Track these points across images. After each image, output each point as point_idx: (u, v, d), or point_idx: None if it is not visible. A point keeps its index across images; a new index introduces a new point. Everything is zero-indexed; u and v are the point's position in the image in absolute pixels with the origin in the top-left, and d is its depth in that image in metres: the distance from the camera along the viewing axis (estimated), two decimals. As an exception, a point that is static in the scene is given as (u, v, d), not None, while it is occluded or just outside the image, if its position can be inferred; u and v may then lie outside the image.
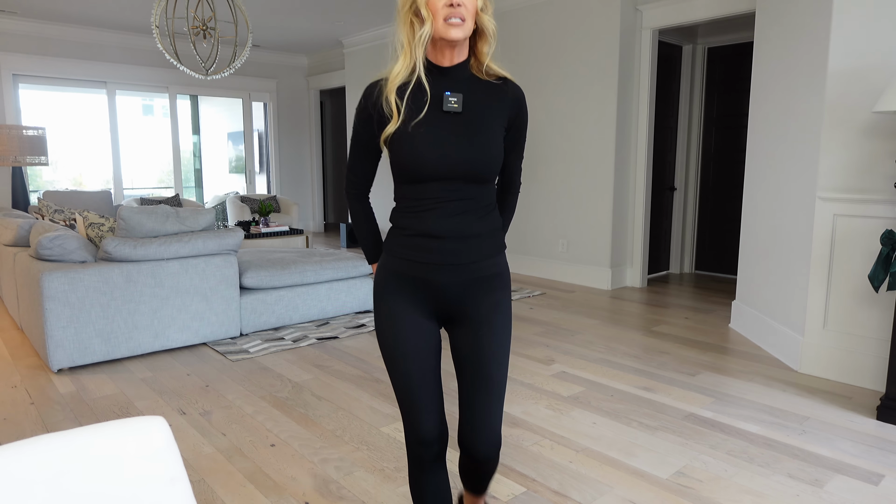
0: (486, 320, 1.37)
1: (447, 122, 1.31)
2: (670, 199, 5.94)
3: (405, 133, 1.31)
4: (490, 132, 1.33)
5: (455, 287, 1.36)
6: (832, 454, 2.29)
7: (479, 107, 1.34)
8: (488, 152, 1.32)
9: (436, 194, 1.32)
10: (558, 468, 2.18)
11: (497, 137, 1.34)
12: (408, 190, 1.35)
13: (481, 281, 1.38)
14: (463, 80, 1.35)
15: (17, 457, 0.76)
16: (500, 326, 1.39)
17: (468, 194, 1.34)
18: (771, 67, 3.60)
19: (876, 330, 2.90)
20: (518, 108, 1.40)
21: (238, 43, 5.83)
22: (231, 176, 9.56)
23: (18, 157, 5.60)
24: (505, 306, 1.41)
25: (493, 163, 1.33)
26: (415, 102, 1.32)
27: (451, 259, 1.34)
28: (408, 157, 1.30)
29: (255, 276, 3.79)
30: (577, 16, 5.18)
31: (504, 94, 1.38)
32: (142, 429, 0.87)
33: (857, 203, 2.92)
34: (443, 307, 1.38)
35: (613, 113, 5.00)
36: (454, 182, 1.32)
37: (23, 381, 3.07)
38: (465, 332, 1.39)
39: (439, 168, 1.30)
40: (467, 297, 1.38)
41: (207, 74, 4.88)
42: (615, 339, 3.77)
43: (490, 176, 1.35)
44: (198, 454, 2.30)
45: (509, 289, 1.44)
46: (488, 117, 1.35)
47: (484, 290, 1.38)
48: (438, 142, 1.30)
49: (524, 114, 1.42)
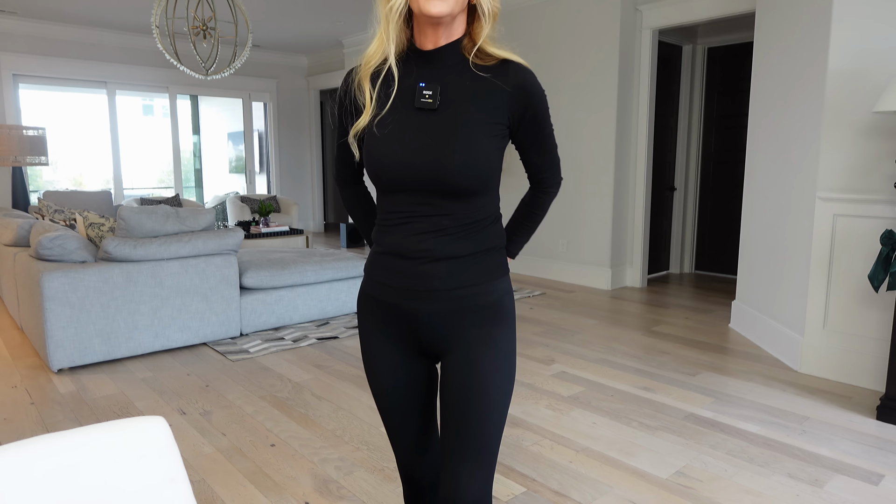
0: (471, 362, 1.09)
1: (418, 120, 1.06)
2: (670, 199, 5.94)
3: (370, 131, 1.09)
4: (472, 135, 1.05)
5: (433, 318, 1.11)
6: (832, 454, 2.29)
7: (462, 102, 1.07)
8: (465, 161, 1.04)
9: (405, 207, 1.09)
10: (558, 468, 2.18)
11: (481, 141, 1.06)
12: (381, 199, 1.14)
13: (467, 312, 1.11)
14: (448, 68, 1.09)
15: (17, 457, 0.76)
16: (490, 370, 1.09)
17: (442, 209, 1.07)
18: (771, 67, 3.60)
19: (876, 330, 2.90)
20: (524, 98, 1.09)
21: (238, 43, 5.83)
22: (231, 176, 9.56)
23: (18, 157, 5.60)
24: (500, 345, 1.11)
25: (472, 174, 1.05)
26: (384, 94, 1.09)
27: (422, 284, 1.09)
28: (370, 162, 1.09)
29: (255, 276, 3.79)
30: (577, 16, 5.18)
31: (500, 85, 1.08)
32: (142, 429, 0.87)
33: (857, 203, 2.92)
34: (425, 340, 1.14)
35: (613, 113, 5.00)
36: (424, 195, 1.07)
37: (23, 381, 3.07)
38: (448, 373, 1.12)
39: (403, 178, 1.06)
40: (449, 331, 1.11)
41: (207, 74, 4.88)
42: (615, 339, 3.77)
43: (469, 190, 1.06)
44: (198, 454, 2.30)
45: (509, 323, 1.14)
46: (473, 116, 1.07)
47: (471, 324, 1.11)
48: (404, 145, 1.05)
49: (535, 101, 1.10)
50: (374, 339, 1.18)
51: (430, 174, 1.04)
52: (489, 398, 1.09)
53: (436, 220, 1.08)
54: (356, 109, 1.13)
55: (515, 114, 1.10)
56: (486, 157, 1.06)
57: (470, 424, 1.08)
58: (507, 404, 1.12)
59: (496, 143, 1.08)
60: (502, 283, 1.15)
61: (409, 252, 1.09)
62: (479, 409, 1.08)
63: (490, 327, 1.11)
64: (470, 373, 1.09)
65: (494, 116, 1.08)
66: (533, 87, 1.10)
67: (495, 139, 1.08)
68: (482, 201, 1.11)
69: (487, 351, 1.10)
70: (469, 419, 1.08)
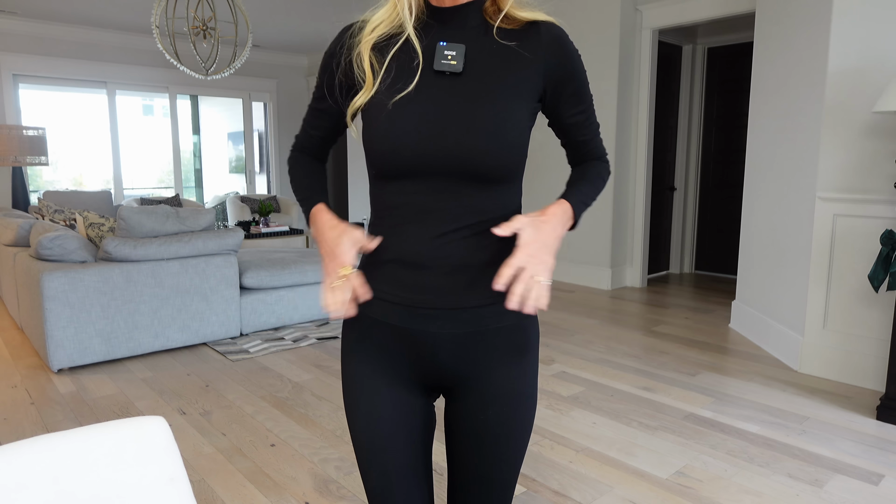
0: (497, 400, 0.92)
1: (439, 87, 0.88)
2: (670, 199, 5.94)
3: (382, 106, 0.89)
4: (506, 106, 0.87)
5: (449, 344, 0.90)
6: (832, 454, 2.29)
7: (491, 68, 0.89)
8: (497, 136, 0.86)
9: (419, 198, 0.89)
10: (558, 468, 2.18)
11: (516, 111, 0.88)
12: (383, 191, 0.93)
13: (492, 336, 0.91)
14: (470, 29, 0.91)
15: (17, 457, 0.76)
16: (519, 412, 0.93)
17: (464, 200, 0.88)
18: (771, 67, 3.60)
19: (876, 330, 2.90)
20: (560, 54, 0.92)
21: (238, 43, 5.83)
22: (231, 176, 9.56)
23: (18, 157, 5.60)
24: (528, 381, 0.94)
25: (505, 151, 0.86)
26: (401, 64, 0.91)
27: (441, 301, 0.89)
28: (375, 141, 0.89)
29: (255, 276, 3.79)
30: (576, 16, 5.18)
31: (533, 44, 0.91)
32: (142, 429, 0.87)
33: (857, 203, 2.92)
34: (433, 372, 0.93)
35: (613, 113, 5.00)
36: (445, 180, 0.87)
37: (23, 381, 3.07)
38: (465, 412, 0.94)
39: (421, 158, 0.86)
40: (468, 361, 0.92)
41: (207, 74, 4.88)
42: (615, 339, 3.77)
43: (500, 173, 0.88)
44: (198, 454, 2.30)
45: (536, 351, 0.96)
46: (504, 84, 0.89)
47: (495, 350, 0.92)
48: (423, 118, 0.86)
49: (572, 58, 0.93)
50: (364, 364, 0.95)
51: (455, 152, 0.85)
52: (513, 441, 0.93)
53: (457, 215, 0.88)
54: (350, 80, 0.95)
55: (552, 74, 0.92)
56: (520, 134, 0.88)
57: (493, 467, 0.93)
58: (527, 443, 0.97)
59: (528, 118, 0.90)
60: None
61: (427, 259, 0.88)
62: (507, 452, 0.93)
63: (519, 356, 0.93)
64: (501, 412, 0.92)
65: (526, 88, 0.90)
66: (565, 41, 0.92)
67: (527, 114, 0.90)
68: (510, 191, 0.91)
69: (516, 388, 0.92)
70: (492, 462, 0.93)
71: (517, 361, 0.93)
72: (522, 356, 0.94)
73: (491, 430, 0.93)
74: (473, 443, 0.94)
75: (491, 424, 0.93)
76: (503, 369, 0.92)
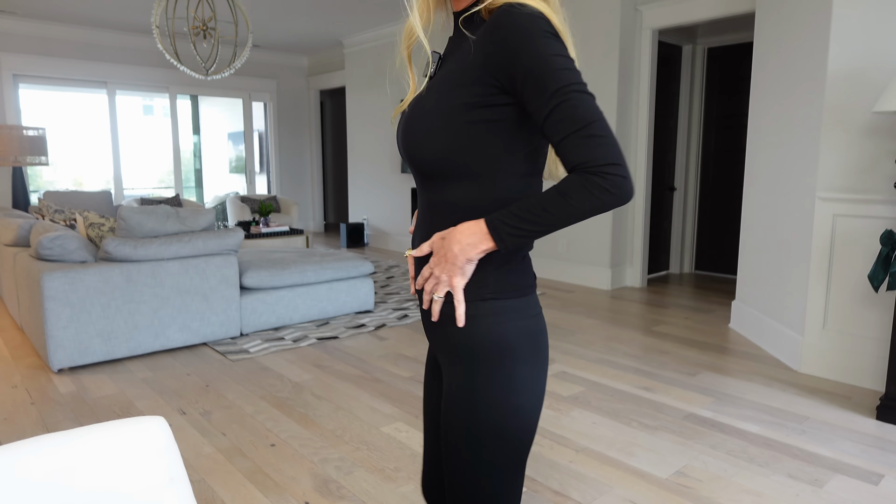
0: (444, 395, 0.95)
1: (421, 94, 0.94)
2: (670, 199, 5.94)
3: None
4: (439, 99, 0.87)
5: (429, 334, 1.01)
6: (832, 454, 2.29)
7: (447, 68, 0.90)
8: (418, 130, 0.88)
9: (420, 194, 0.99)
10: (558, 468, 2.18)
11: (443, 106, 0.86)
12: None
13: (441, 331, 0.94)
14: (460, 29, 0.93)
15: (17, 457, 0.77)
16: (460, 418, 0.91)
17: (428, 197, 0.93)
18: (771, 67, 3.60)
19: (876, 330, 2.90)
20: (494, 39, 0.81)
21: (238, 43, 5.83)
22: (231, 176, 9.56)
23: (18, 157, 5.60)
24: (475, 389, 0.89)
25: (426, 145, 0.87)
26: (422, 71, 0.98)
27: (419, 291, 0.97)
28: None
29: (255, 276, 3.79)
30: (576, 16, 5.18)
31: (475, 39, 0.84)
32: (142, 429, 0.87)
33: (857, 203, 2.92)
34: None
35: (613, 113, 5.00)
36: (416, 177, 0.95)
37: (23, 381, 3.07)
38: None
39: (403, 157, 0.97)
40: (437, 349, 0.98)
41: (207, 74, 4.88)
42: (615, 339, 3.77)
43: (434, 167, 0.88)
44: (198, 454, 2.30)
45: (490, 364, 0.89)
46: (444, 78, 0.88)
47: (444, 345, 0.94)
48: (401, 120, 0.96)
49: (507, 42, 0.80)
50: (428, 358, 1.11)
51: (401, 149, 0.93)
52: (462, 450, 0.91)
53: (425, 210, 0.94)
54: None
55: (498, 74, 0.82)
56: (444, 127, 0.85)
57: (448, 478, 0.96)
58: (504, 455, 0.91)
59: (469, 111, 0.85)
60: (481, 311, 0.89)
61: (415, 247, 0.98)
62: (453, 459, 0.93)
63: (459, 360, 0.91)
64: (444, 410, 0.94)
65: (461, 81, 0.85)
66: (502, 35, 0.80)
67: (464, 109, 0.85)
68: (462, 189, 0.88)
69: (456, 392, 0.91)
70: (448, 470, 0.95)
71: (458, 364, 0.91)
72: (465, 362, 0.90)
73: (442, 420, 0.95)
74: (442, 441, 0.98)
75: (442, 414, 0.95)
76: (450, 367, 0.93)
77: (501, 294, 0.89)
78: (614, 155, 0.77)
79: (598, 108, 0.79)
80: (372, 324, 4.11)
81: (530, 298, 0.93)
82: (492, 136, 0.85)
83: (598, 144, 0.77)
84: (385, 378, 3.11)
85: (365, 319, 4.22)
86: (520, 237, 0.83)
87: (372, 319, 4.22)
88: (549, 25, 0.80)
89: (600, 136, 0.77)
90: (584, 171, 0.78)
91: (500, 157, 0.87)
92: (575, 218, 0.80)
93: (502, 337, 0.89)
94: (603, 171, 0.77)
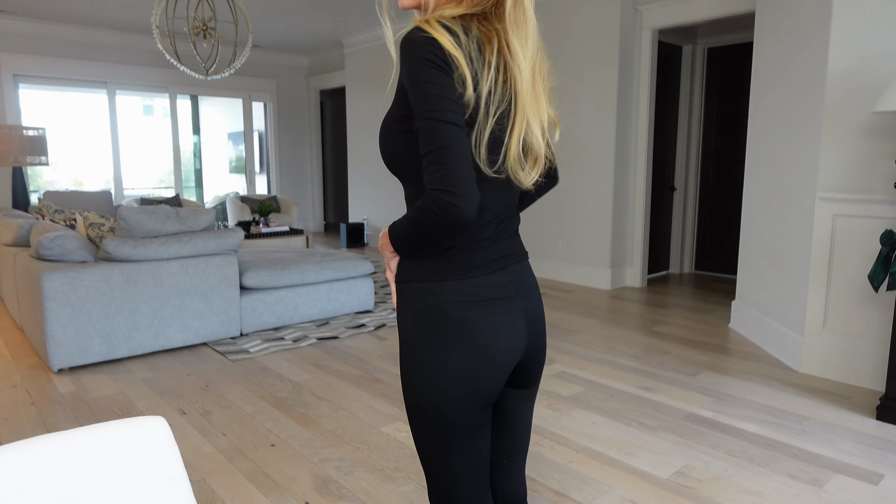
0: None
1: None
2: (670, 199, 5.94)
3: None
4: (387, 114, 1.01)
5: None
6: (832, 454, 2.29)
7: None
8: (381, 141, 1.02)
9: None
10: (558, 468, 2.18)
11: (389, 120, 0.98)
12: None
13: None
14: None
15: (17, 457, 0.77)
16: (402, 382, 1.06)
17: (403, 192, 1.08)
18: (771, 67, 3.60)
19: (876, 330, 2.90)
20: (399, 69, 0.93)
21: (238, 43, 5.84)
22: (231, 176, 9.57)
23: (18, 157, 5.60)
24: (404, 359, 1.03)
25: (384, 155, 1.01)
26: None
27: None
28: None
29: (255, 276, 3.79)
30: (576, 16, 5.18)
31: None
32: (142, 429, 0.87)
33: (856, 203, 2.92)
34: None
35: (613, 113, 5.00)
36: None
37: (23, 381, 3.07)
38: None
39: None
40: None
41: (207, 74, 4.88)
42: (615, 339, 3.77)
43: (393, 171, 1.03)
44: (198, 454, 2.30)
45: (409, 339, 1.01)
46: (393, 95, 0.95)
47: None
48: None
49: (404, 74, 0.91)
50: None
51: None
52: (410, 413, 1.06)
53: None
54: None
55: (406, 93, 0.93)
56: (390, 136, 0.98)
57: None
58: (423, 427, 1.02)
59: (400, 122, 0.96)
60: (407, 290, 1.01)
61: None
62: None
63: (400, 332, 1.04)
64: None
65: (397, 94, 0.97)
66: (399, 54, 0.90)
67: (397, 119, 0.97)
68: (410, 188, 1.01)
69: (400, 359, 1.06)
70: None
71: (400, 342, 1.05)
72: (401, 335, 1.03)
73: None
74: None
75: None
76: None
77: (414, 277, 1.01)
78: (446, 181, 0.86)
79: (449, 135, 0.86)
80: (372, 324, 4.11)
81: (449, 284, 0.98)
82: (413, 144, 0.95)
83: (435, 170, 0.87)
84: (385, 378, 3.11)
85: (365, 319, 4.22)
86: (401, 244, 0.98)
87: (372, 319, 4.22)
88: (431, 53, 0.87)
89: (438, 163, 0.86)
90: (427, 192, 0.88)
91: (405, 157, 0.98)
92: (426, 232, 0.91)
93: (410, 315, 1.01)
94: (434, 195, 0.87)
